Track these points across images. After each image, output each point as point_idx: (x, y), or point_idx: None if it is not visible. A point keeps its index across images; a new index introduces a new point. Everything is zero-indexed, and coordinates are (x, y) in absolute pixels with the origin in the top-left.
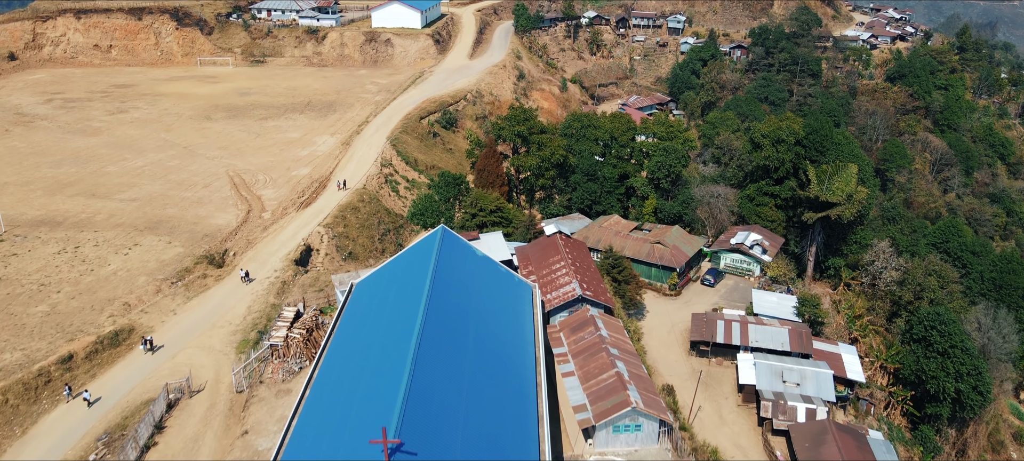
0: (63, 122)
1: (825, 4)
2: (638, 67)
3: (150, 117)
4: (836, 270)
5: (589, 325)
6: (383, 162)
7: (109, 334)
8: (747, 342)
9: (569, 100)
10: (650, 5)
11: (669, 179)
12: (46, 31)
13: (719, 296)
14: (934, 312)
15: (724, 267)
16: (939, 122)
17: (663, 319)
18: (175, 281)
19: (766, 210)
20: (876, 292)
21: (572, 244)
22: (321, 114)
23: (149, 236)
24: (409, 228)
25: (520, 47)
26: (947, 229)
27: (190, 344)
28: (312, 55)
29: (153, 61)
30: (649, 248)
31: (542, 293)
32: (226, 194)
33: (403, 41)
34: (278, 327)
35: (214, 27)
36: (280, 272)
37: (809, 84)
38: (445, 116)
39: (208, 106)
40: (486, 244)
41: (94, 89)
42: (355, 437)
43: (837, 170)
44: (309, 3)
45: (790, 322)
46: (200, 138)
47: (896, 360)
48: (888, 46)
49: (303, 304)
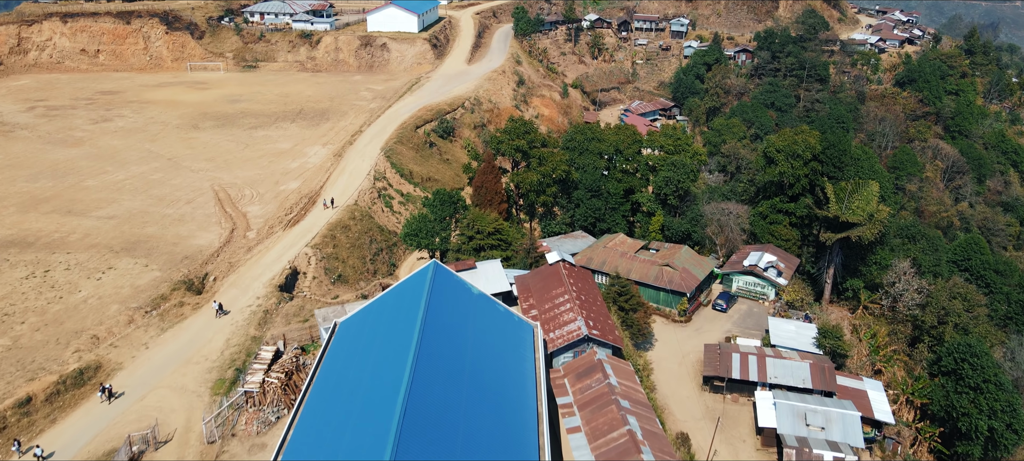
0: (44, 131)
1: (830, 6)
2: (640, 71)
3: (135, 126)
4: (854, 292)
5: (596, 371)
6: (376, 175)
7: (73, 373)
8: (765, 378)
9: (570, 106)
10: (653, 8)
11: (677, 195)
12: (32, 35)
13: (732, 322)
14: (965, 343)
15: (736, 290)
16: (950, 128)
17: (673, 349)
18: (149, 310)
19: (780, 228)
20: (897, 315)
21: (576, 274)
22: (313, 123)
23: (125, 258)
24: (403, 247)
25: (520, 51)
26: (969, 246)
27: (161, 383)
28: (306, 60)
29: (142, 66)
30: (657, 271)
31: (545, 331)
32: (210, 211)
33: (399, 45)
34: (254, 370)
35: (205, 31)
36: (263, 300)
37: (817, 89)
38: (442, 125)
39: (196, 114)
40: (483, 273)
41: (79, 96)
42: None
43: (857, 187)
44: (303, 6)
45: (810, 354)
46: (186, 149)
47: (924, 395)
48: (897, 50)
49: (283, 342)
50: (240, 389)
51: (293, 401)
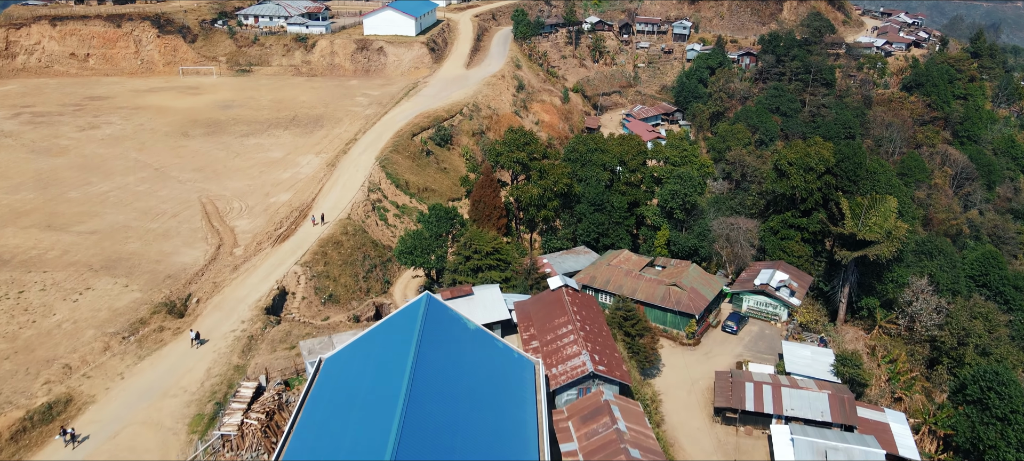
0: (28, 139)
1: (834, 8)
2: (642, 75)
3: (123, 134)
4: (870, 311)
5: (603, 414)
6: (371, 186)
7: (41, 408)
8: (781, 410)
9: (571, 112)
10: (655, 10)
11: (684, 209)
12: (20, 39)
13: (743, 346)
14: (992, 371)
15: (747, 310)
16: (958, 133)
17: (681, 375)
18: (127, 336)
19: (792, 244)
20: (914, 336)
21: (580, 300)
22: (307, 130)
23: (104, 278)
24: (398, 263)
25: (519, 55)
26: (986, 260)
27: (135, 419)
28: (301, 64)
29: (133, 71)
30: (665, 291)
31: (547, 365)
32: (196, 225)
33: (396, 50)
34: (232, 410)
35: (198, 35)
36: (248, 324)
37: (822, 94)
38: (439, 132)
39: (186, 121)
40: (480, 300)
41: (67, 102)
42: None
43: (874, 203)
44: (298, 9)
45: (828, 383)
46: (174, 158)
47: (947, 425)
48: (903, 53)
49: (265, 376)
50: (217, 431)
51: (274, 445)
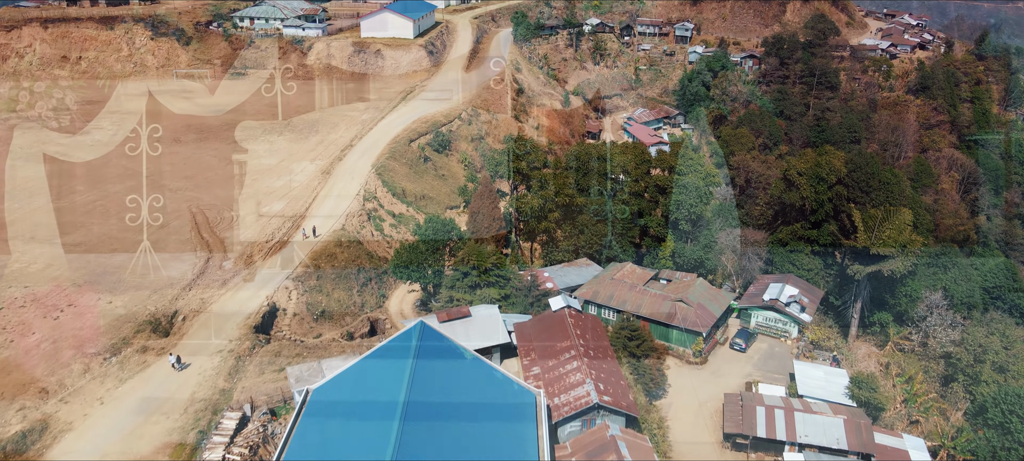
0: (15, 146)
1: (838, 10)
2: (644, 77)
3: (113, 139)
4: (882, 326)
5: (610, 451)
6: (366, 195)
7: (14, 437)
8: (794, 437)
9: (572, 116)
10: (656, 11)
11: (689, 220)
12: (11, 42)
13: (752, 364)
14: (1014, 393)
15: (755, 327)
16: (966, 137)
17: (689, 397)
18: (108, 356)
19: (802, 257)
20: (928, 352)
21: (583, 322)
22: (302, 135)
23: (87, 293)
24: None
25: (519, 57)
26: (1000, 270)
27: (113, 449)
28: (296, 67)
29: (126, 74)
30: (671, 307)
31: (549, 394)
32: (184, 236)
33: (394, 53)
34: (214, 444)
35: (192, 37)
36: (235, 343)
37: (827, 97)
38: (437, 138)
39: (178, 126)
40: (478, 322)
41: (57, 106)
42: None
43: (888, 215)
44: (294, 11)
45: (843, 407)
46: (164, 165)
47: (966, 450)
48: (908, 55)
49: (251, 405)
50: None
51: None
